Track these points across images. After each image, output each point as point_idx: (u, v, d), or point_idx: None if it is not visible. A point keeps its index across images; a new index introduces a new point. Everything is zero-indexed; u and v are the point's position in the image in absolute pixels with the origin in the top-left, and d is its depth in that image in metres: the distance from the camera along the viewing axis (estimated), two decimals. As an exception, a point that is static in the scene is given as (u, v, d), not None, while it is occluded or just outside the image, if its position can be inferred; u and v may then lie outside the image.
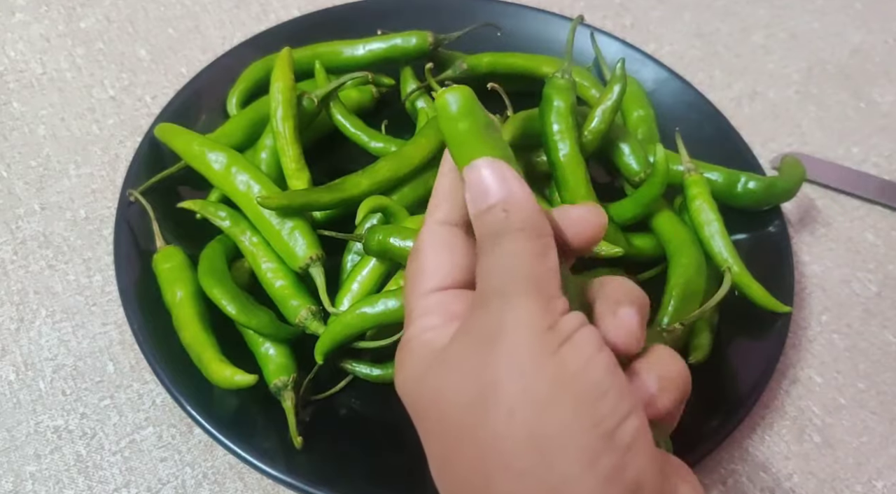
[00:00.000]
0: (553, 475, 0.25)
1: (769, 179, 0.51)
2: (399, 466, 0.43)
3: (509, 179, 0.29)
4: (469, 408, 0.26)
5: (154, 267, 0.46)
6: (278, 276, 0.46)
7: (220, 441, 0.40)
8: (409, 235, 0.43)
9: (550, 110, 0.47)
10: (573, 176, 0.47)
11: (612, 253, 0.45)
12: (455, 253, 0.31)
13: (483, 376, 0.26)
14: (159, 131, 0.50)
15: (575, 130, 0.47)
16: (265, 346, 0.44)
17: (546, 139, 0.47)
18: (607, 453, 0.25)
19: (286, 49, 0.50)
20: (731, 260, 0.47)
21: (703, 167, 0.51)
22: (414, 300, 0.31)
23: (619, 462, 0.25)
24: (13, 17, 0.63)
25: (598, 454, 0.25)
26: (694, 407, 0.44)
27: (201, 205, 0.48)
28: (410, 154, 0.48)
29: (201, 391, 0.42)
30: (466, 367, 0.27)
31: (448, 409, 0.27)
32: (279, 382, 0.42)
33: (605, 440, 0.25)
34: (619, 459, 0.25)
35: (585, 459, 0.25)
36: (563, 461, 0.25)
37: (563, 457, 0.25)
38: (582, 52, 0.58)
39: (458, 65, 0.57)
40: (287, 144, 0.48)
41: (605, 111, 0.48)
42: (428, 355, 0.29)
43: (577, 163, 0.47)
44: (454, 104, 0.31)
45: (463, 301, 0.30)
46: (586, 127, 0.49)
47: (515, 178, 0.29)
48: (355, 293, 0.45)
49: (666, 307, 0.45)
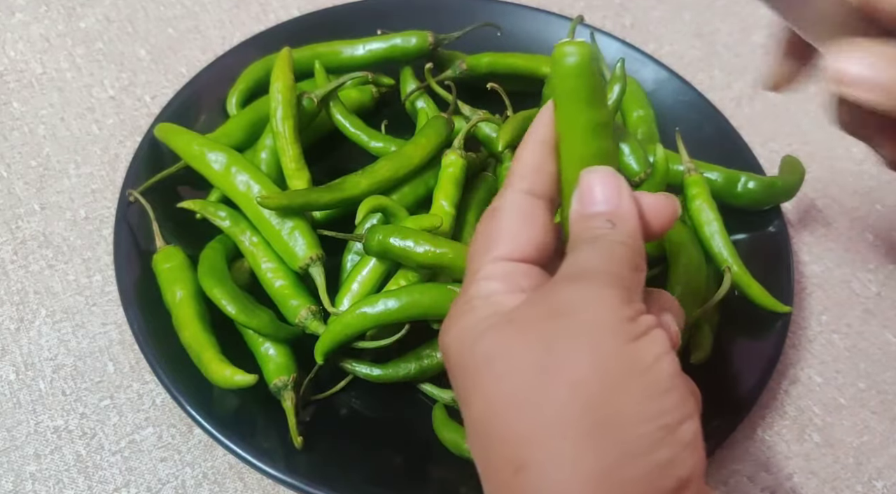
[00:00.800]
0: (609, 453, 0.25)
1: (769, 179, 0.51)
2: (399, 466, 0.43)
3: (622, 193, 0.30)
4: (530, 372, 0.26)
5: (154, 267, 0.46)
6: (278, 276, 0.46)
7: (220, 441, 0.40)
8: (410, 235, 0.43)
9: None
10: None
11: None
12: (534, 226, 0.31)
13: (554, 345, 0.26)
14: (159, 131, 0.50)
15: None
16: (265, 346, 0.44)
17: None
18: (666, 445, 0.25)
19: (286, 49, 0.50)
20: (731, 259, 0.48)
21: (702, 167, 0.51)
22: (481, 261, 0.31)
23: (675, 456, 0.26)
24: (13, 17, 0.63)
25: (657, 444, 0.25)
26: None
27: (201, 204, 0.48)
28: (410, 154, 0.48)
29: (201, 391, 0.42)
30: (536, 332, 0.27)
31: (505, 370, 0.27)
32: (279, 382, 0.42)
33: (666, 432, 0.26)
34: (675, 454, 0.26)
35: (645, 444, 0.25)
36: (622, 442, 0.25)
37: (622, 439, 0.25)
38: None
39: (457, 65, 0.57)
40: (287, 144, 0.48)
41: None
42: (492, 314, 0.29)
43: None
44: (572, 57, 0.30)
45: (531, 277, 0.30)
46: None
47: (627, 193, 0.30)
48: (355, 293, 0.45)
49: None
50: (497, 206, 0.32)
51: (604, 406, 0.25)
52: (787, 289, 0.49)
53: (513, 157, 0.35)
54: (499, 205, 0.32)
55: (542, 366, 0.26)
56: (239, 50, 0.57)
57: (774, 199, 0.52)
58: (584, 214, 0.30)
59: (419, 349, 0.45)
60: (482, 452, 0.27)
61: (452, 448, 0.42)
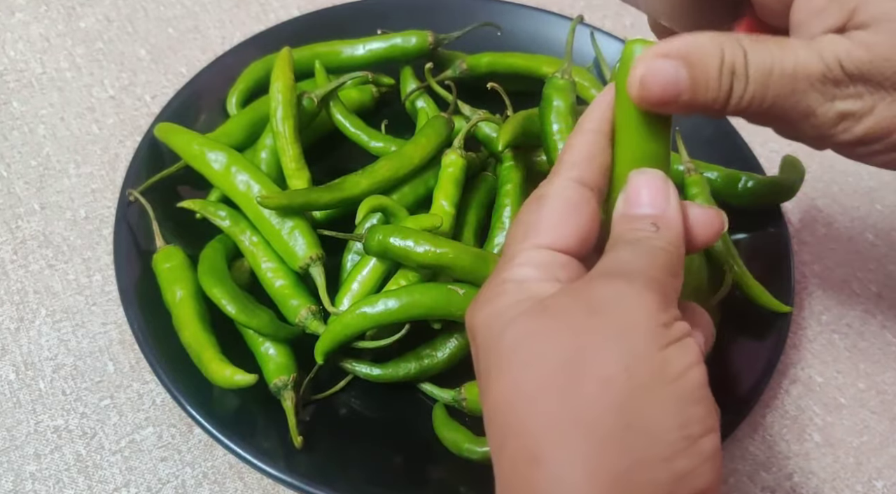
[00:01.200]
0: (628, 455, 0.25)
1: (769, 179, 0.51)
2: (399, 466, 0.43)
3: (670, 198, 0.30)
4: (558, 363, 0.26)
5: (154, 267, 0.46)
6: (278, 276, 0.46)
7: (220, 441, 0.40)
8: (410, 235, 0.43)
9: (550, 110, 0.47)
10: None
11: None
12: (580, 217, 0.31)
13: (586, 339, 0.26)
14: (159, 131, 0.50)
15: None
16: (265, 346, 0.44)
17: (546, 139, 0.47)
18: (688, 456, 0.25)
19: (286, 49, 0.50)
20: (732, 259, 0.47)
21: (702, 167, 0.51)
22: (522, 245, 0.31)
23: (694, 467, 0.25)
24: (13, 17, 0.63)
25: (679, 453, 0.25)
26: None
27: (201, 204, 0.48)
28: (410, 154, 0.48)
29: (201, 391, 0.42)
30: (571, 324, 0.27)
31: (532, 357, 0.27)
32: (279, 382, 0.42)
33: (688, 442, 0.25)
34: (696, 466, 0.25)
35: (667, 452, 0.25)
36: (643, 447, 0.25)
37: (644, 443, 0.25)
38: (582, 51, 0.58)
39: (457, 64, 0.57)
40: (287, 144, 0.48)
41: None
42: (526, 299, 0.28)
43: None
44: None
45: (569, 270, 0.30)
46: None
47: (675, 198, 0.30)
48: (355, 292, 0.45)
49: None
50: (543, 194, 0.31)
51: (630, 408, 0.25)
52: (787, 289, 0.48)
53: (564, 142, 0.34)
54: (545, 192, 0.31)
55: (570, 359, 0.26)
56: (239, 50, 0.57)
57: (774, 199, 0.52)
58: (628, 215, 0.30)
59: (419, 349, 0.45)
60: (498, 439, 0.27)
61: (452, 449, 0.42)
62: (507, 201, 0.48)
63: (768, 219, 0.52)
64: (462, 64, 0.57)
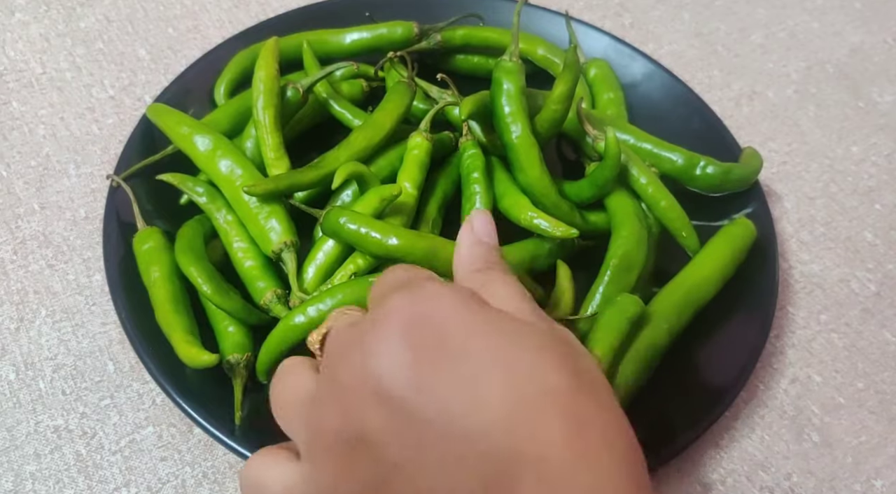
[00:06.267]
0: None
1: (727, 166, 0.52)
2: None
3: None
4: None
5: (134, 249, 0.46)
6: (248, 256, 0.46)
7: (220, 441, 0.40)
8: (363, 222, 0.43)
9: (501, 93, 0.47)
10: (526, 157, 0.47)
11: (569, 234, 0.45)
12: None
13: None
14: (151, 111, 0.51)
15: (526, 112, 0.47)
16: (225, 322, 0.44)
17: (498, 121, 0.47)
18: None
19: (273, 38, 0.50)
20: (651, 184, 0.49)
21: (665, 147, 0.52)
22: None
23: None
24: (13, 17, 0.63)
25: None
26: (676, 397, 0.44)
27: (180, 178, 0.48)
28: (381, 121, 0.49)
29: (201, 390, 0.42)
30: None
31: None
32: (232, 359, 0.42)
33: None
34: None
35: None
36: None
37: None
38: (563, 40, 0.60)
39: (432, 37, 0.58)
40: (267, 133, 0.48)
41: (556, 100, 0.48)
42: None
43: (531, 144, 0.47)
44: None
45: None
46: (541, 115, 0.49)
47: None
48: (320, 263, 0.45)
49: (602, 276, 0.46)
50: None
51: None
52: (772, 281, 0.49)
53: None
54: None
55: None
56: (230, 44, 0.58)
57: (731, 186, 0.52)
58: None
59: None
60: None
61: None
62: (476, 188, 0.48)
63: (755, 214, 0.52)
64: (437, 36, 0.58)
